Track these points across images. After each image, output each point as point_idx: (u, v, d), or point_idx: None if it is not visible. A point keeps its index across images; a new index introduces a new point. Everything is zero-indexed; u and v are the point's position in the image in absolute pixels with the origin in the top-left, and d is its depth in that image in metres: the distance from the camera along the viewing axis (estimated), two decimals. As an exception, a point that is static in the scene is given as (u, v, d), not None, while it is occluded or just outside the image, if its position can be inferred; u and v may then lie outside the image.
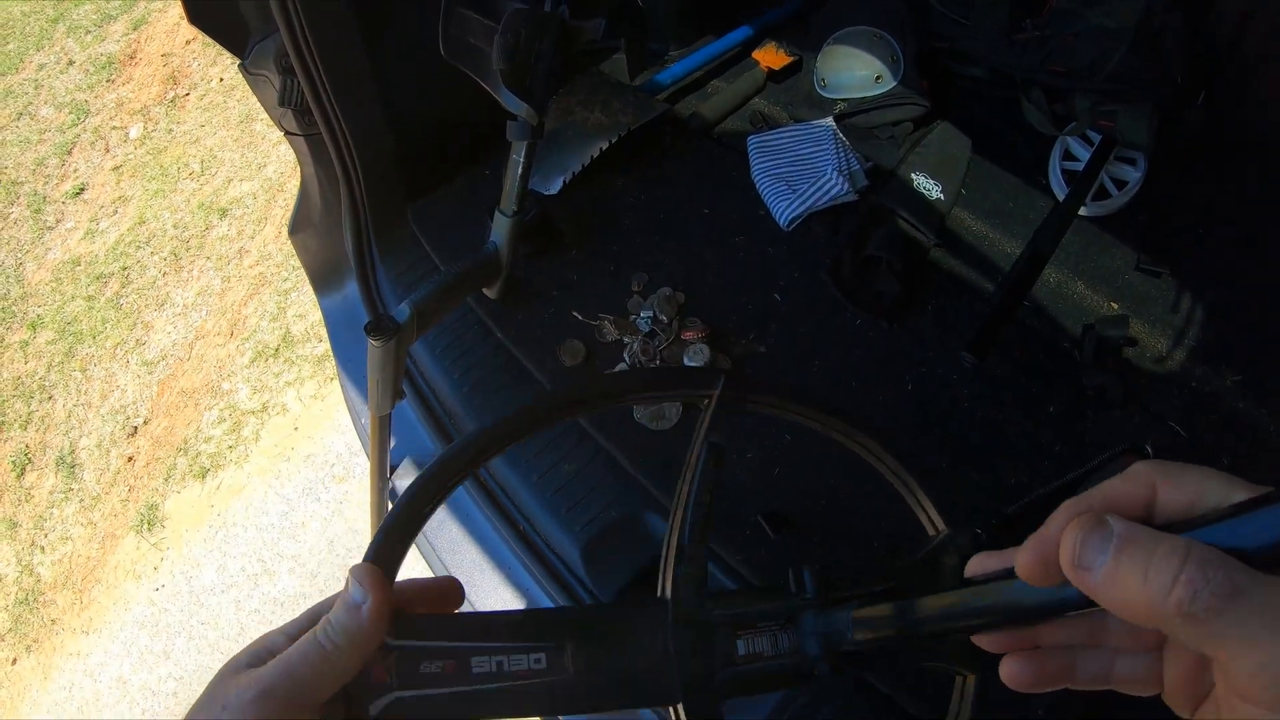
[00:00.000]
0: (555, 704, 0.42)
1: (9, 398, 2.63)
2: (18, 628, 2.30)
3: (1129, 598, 0.25)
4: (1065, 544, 0.27)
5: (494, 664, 0.42)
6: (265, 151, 2.75)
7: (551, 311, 1.40)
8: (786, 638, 0.44)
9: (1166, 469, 0.28)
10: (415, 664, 0.41)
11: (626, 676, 0.43)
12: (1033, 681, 0.34)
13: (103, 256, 2.72)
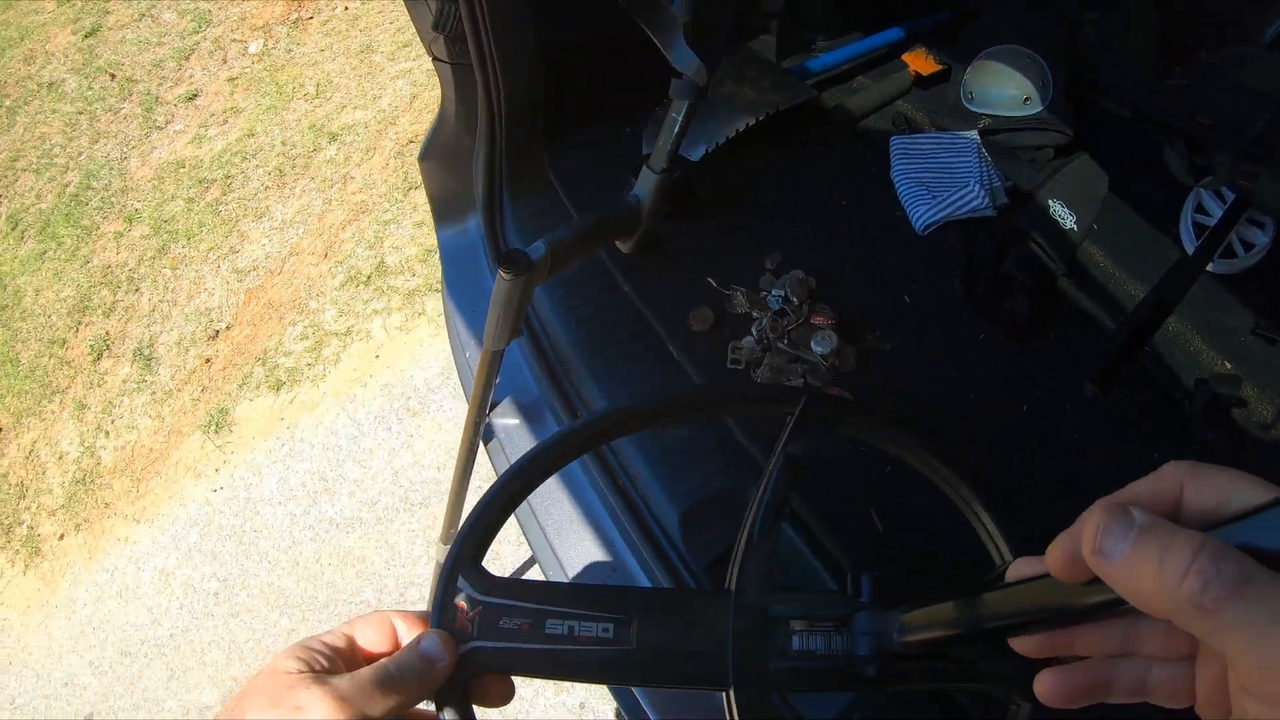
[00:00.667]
0: (617, 672, 0.46)
1: (97, 284, 2.73)
2: (70, 505, 2.38)
3: (1143, 586, 0.25)
4: (1087, 531, 0.28)
5: (566, 628, 0.46)
6: (382, 84, 2.84)
7: (684, 275, 1.41)
8: (840, 639, 0.47)
9: (1196, 469, 0.29)
10: (496, 619, 0.46)
11: (685, 656, 0.47)
12: (1069, 695, 0.34)
13: (207, 162, 2.82)
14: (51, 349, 2.74)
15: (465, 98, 1.50)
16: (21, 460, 2.62)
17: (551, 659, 0.46)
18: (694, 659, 0.47)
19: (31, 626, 2.41)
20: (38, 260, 2.98)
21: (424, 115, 2.77)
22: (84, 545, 2.38)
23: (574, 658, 0.46)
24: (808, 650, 0.47)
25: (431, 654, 0.44)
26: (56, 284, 2.88)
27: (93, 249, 2.90)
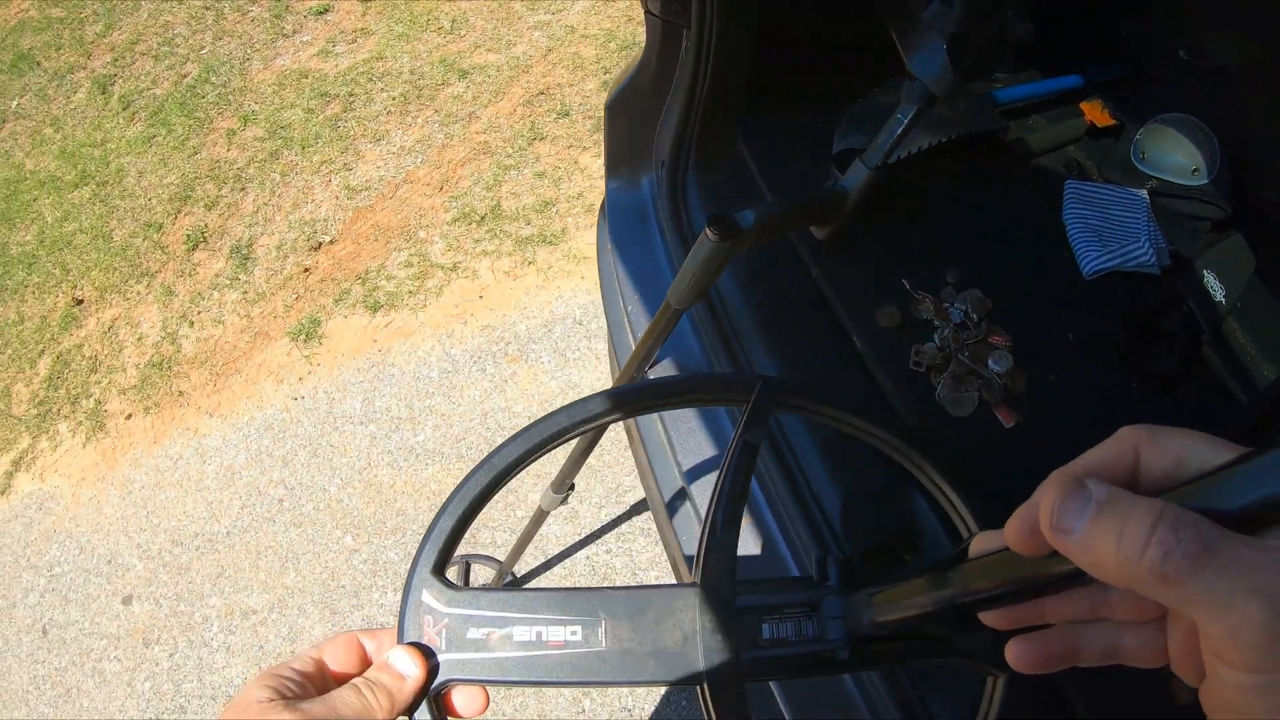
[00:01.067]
0: (588, 673, 0.47)
1: (202, 177, 2.76)
2: (143, 387, 2.40)
3: (1105, 560, 0.25)
4: (1044, 507, 0.27)
5: (534, 633, 0.47)
6: (518, 31, 2.86)
7: (870, 272, 1.42)
8: (811, 624, 0.48)
9: (1151, 431, 0.29)
10: (463, 630, 0.47)
11: (655, 653, 0.47)
12: (1040, 662, 0.35)
13: (332, 77, 2.84)
14: (147, 232, 2.77)
15: (666, 57, 1.52)
16: (99, 335, 2.64)
17: (522, 665, 0.47)
18: (665, 656, 0.47)
19: (82, 499, 2.43)
20: (145, 144, 3.02)
21: (557, 69, 2.78)
22: (151, 429, 2.40)
23: (544, 662, 0.47)
24: (779, 638, 0.48)
25: (401, 669, 0.45)
26: (161, 170, 2.91)
27: (202, 142, 2.93)
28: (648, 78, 1.60)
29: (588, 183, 2.50)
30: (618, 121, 1.65)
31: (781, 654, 0.48)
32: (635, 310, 1.47)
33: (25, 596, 2.44)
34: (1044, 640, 0.34)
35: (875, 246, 1.47)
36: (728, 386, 0.59)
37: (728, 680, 0.47)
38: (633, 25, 2.91)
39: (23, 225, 3.09)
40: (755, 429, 0.56)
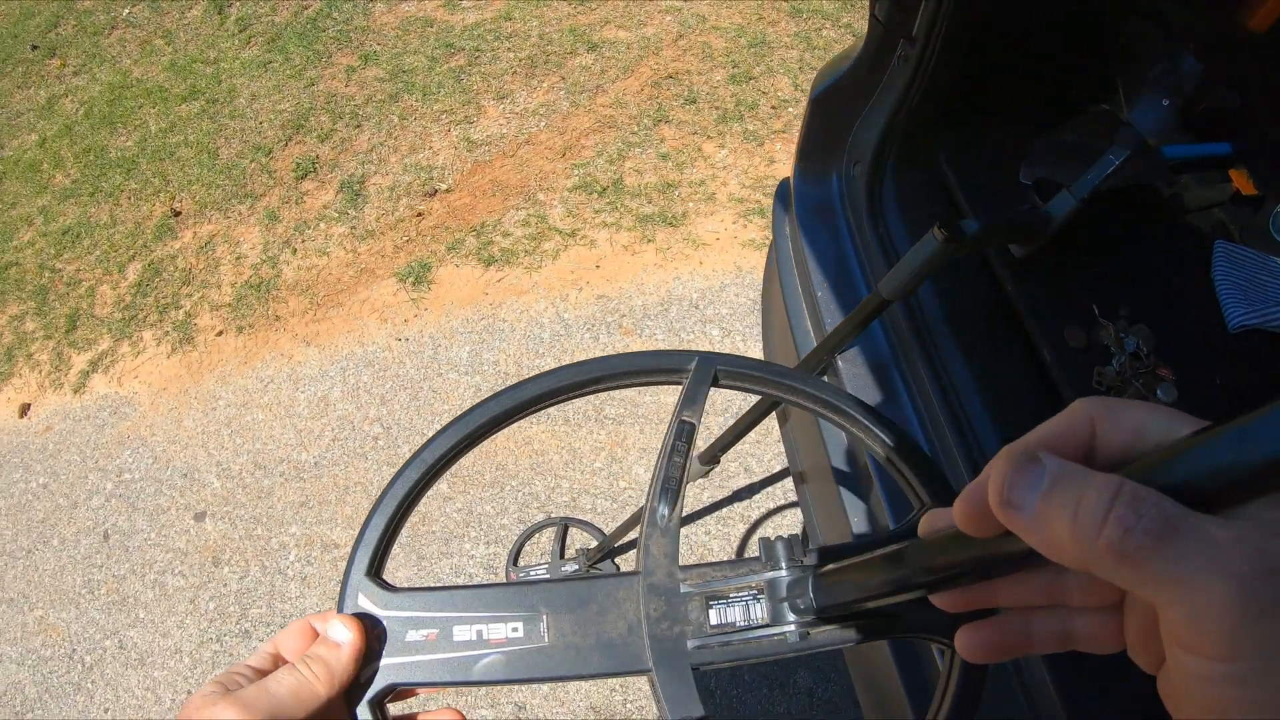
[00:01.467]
0: (532, 670, 0.46)
1: (317, 109, 2.76)
2: (238, 307, 2.40)
3: (1059, 537, 0.24)
4: (993, 483, 0.25)
5: (474, 632, 0.46)
6: (649, 12, 2.87)
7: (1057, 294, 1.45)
8: (760, 607, 0.47)
9: (1107, 404, 0.27)
10: (402, 633, 0.46)
11: (600, 645, 0.47)
12: (990, 651, 0.33)
13: (458, 29, 2.85)
14: (255, 154, 2.77)
15: (880, 62, 1.54)
16: (194, 249, 2.64)
17: (464, 666, 0.46)
18: (610, 647, 0.47)
19: (161, 409, 2.42)
20: (260, 68, 3.02)
21: (686, 56, 2.79)
22: (242, 348, 2.39)
23: (486, 661, 0.46)
24: (726, 623, 0.47)
25: (335, 636, 0.44)
26: (275, 95, 2.91)
27: (320, 74, 2.93)
28: (856, 77, 1.62)
29: (710, 171, 2.51)
30: (819, 115, 1.67)
31: (730, 639, 0.47)
32: (825, 295, 1.49)
33: (89, 498, 2.42)
34: (994, 628, 0.33)
35: (1067, 270, 1.50)
36: (665, 365, 0.57)
37: (676, 669, 0.46)
38: (763, 24, 2.92)
39: (124, 131, 3.09)
40: (692, 409, 0.54)
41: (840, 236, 1.66)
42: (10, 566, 2.45)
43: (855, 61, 1.62)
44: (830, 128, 1.71)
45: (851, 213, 1.67)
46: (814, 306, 1.52)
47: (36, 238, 2.96)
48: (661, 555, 0.49)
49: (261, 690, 0.41)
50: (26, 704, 2.25)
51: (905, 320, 1.41)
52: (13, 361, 2.75)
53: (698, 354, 0.56)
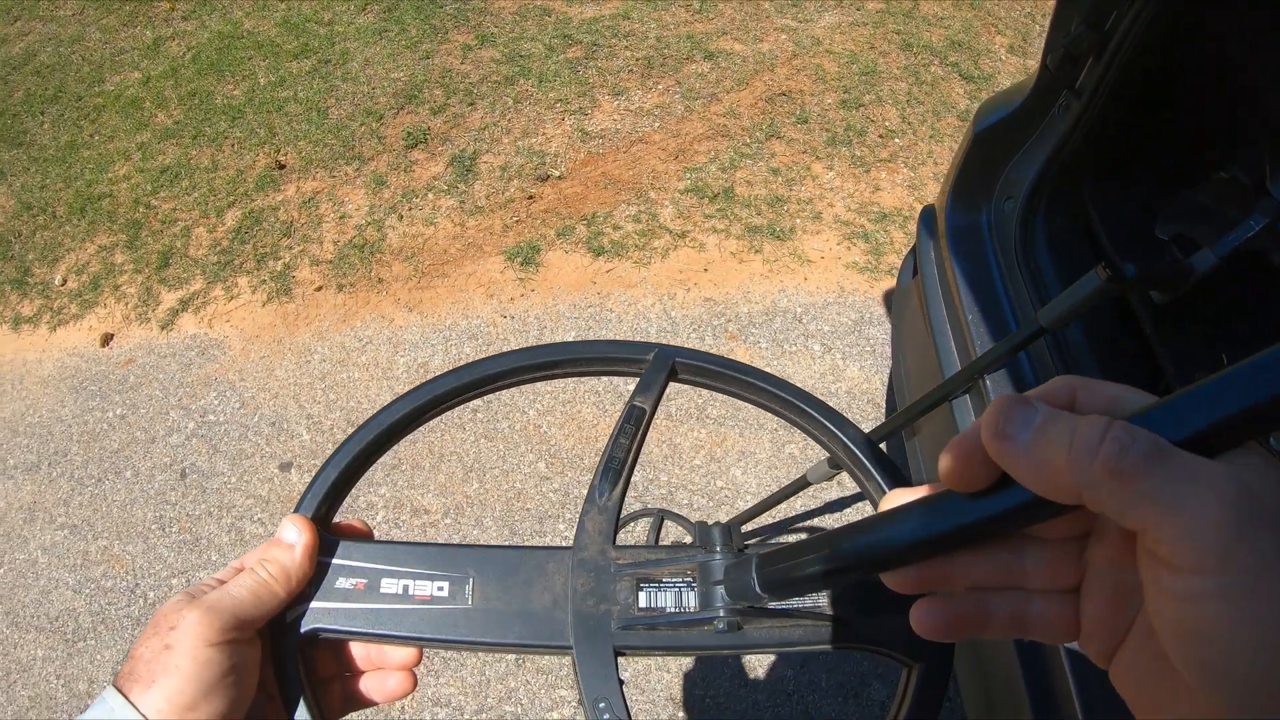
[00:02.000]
0: (451, 631, 0.46)
1: (431, 82, 2.81)
2: (340, 265, 2.43)
3: (1052, 464, 0.24)
4: (988, 419, 0.26)
5: (401, 586, 0.47)
6: (765, 29, 2.93)
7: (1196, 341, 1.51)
8: (693, 595, 0.46)
9: (1085, 381, 0.29)
10: (333, 579, 0.47)
11: (522, 614, 0.46)
12: (944, 627, 0.32)
13: (576, 22, 2.91)
14: (366, 118, 2.81)
15: (1042, 107, 1.61)
16: (297, 203, 2.68)
17: (385, 618, 0.46)
18: (532, 618, 0.46)
19: (253, 356, 2.45)
20: (376, 35, 3.07)
21: (799, 75, 2.84)
22: (342, 306, 2.42)
23: (409, 617, 0.46)
24: (655, 607, 0.46)
25: (287, 537, 0.46)
26: (389, 63, 2.96)
27: (435, 48, 2.98)
28: (1019, 119, 1.68)
29: (818, 191, 2.56)
30: (980, 149, 1.72)
31: (656, 622, 0.45)
32: (974, 319, 1.53)
33: (168, 435, 2.44)
34: (951, 603, 0.32)
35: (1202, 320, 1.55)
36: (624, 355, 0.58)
37: (597, 648, 0.45)
38: (874, 53, 2.98)
39: (232, 80, 3.13)
40: (645, 395, 0.55)
41: (988, 266, 1.71)
42: (77, 493, 2.47)
43: (1020, 104, 1.68)
44: (987, 162, 1.77)
45: (1000, 244, 1.72)
46: (962, 329, 1.57)
47: (133, 172, 3.00)
48: (596, 532, 0.49)
49: (223, 593, 0.43)
50: (79, 632, 2.26)
51: (1051, 350, 1.46)
52: (98, 291, 2.78)
53: (657, 346, 0.57)
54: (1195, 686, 0.23)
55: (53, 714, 2.13)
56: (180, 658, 0.39)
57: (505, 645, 0.46)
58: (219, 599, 0.42)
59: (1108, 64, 1.42)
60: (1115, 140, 1.65)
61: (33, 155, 3.31)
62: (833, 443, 0.56)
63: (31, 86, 3.58)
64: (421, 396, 0.54)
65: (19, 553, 2.43)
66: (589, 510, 0.50)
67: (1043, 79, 1.60)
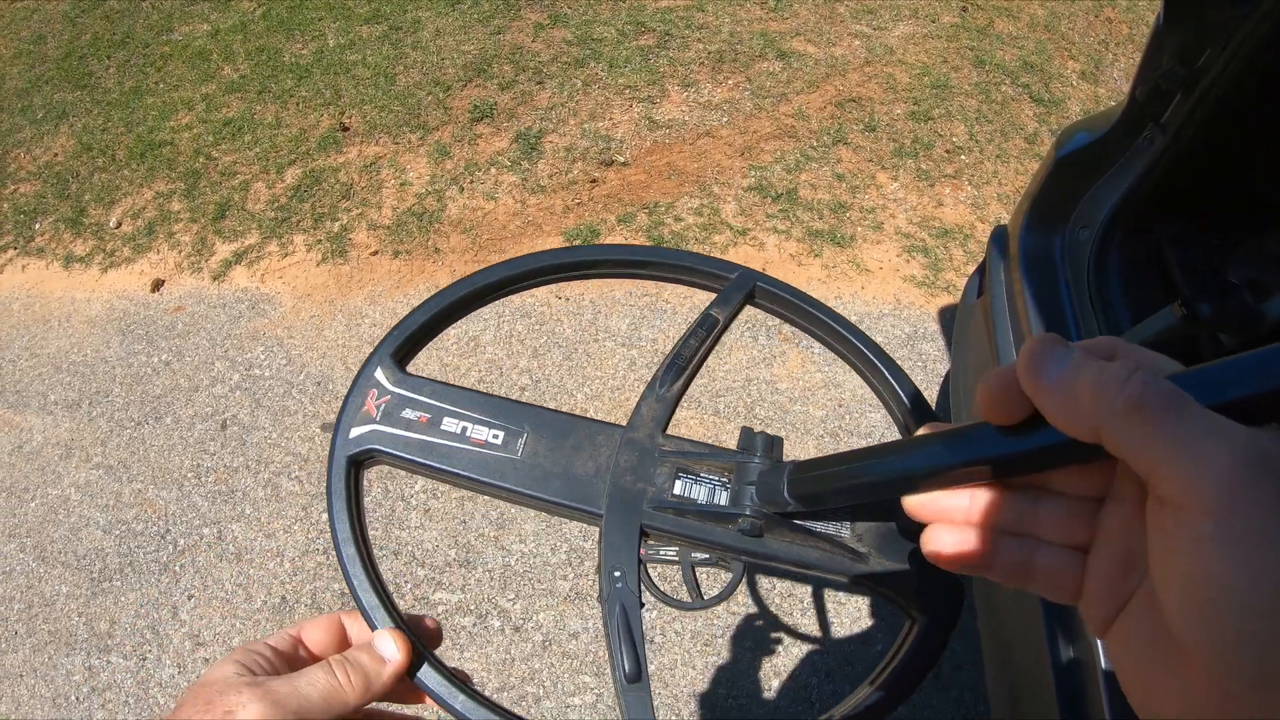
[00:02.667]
0: (497, 476, 0.49)
1: (502, 58, 2.81)
2: (397, 231, 2.44)
3: (1080, 399, 0.26)
4: (1025, 353, 0.28)
5: (460, 427, 0.50)
6: (839, 33, 2.91)
7: None
8: (726, 493, 0.48)
9: (1127, 345, 0.30)
10: (400, 409, 0.50)
11: (564, 475, 0.49)
12: (956, 557, 0.33)
13: (650, 10, 2.91)
14: (433, 88, 2.82)
15: (1126, 139, 1.60)
16: (359, 166, 2.69)
17: (440, 453, 0.49)
18: (573, 480, 0.48)
19: (303, 314, 2.46)
20: (448, 6, 3.08)
21: (870, 83, 2.82)
22: (396, 271, 2.43)
23: (461, 455, 0.49)
24: (687, 496, 0.47)
25: (384, 652, 0.43)
26: (460, 35, 2.97)
27: (507, 24, 2.99)
28: (1103, 148, 1.67)
29: (881, 201, 2.54)
30: (1062, 175, 1.71)
31: (685, 509, 0.47)
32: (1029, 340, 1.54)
33: (212, 385, 2.46)
34: (963, 533, 0.33)
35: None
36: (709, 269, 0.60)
37: (624, 521, 0.47)
38: (946, 67, 2.96)
39: (301, 40, 3.15)
40: (722, 308, 0.57)
41: (1059, 292, 1.70)
42: (116, 435, 2.49)
43: (1104, 133, 1.66)
44: (1066, 188, 1.75)
45: (1072, 272, 1.71)
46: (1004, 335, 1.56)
47: (195, 123, 3.03)
48: (650, 417, 0.51)
49: (292, 689, 0.39)
50: (106, 573, 2.27)
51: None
52: (152, 236, 2.80)
53: (742, 268, 0.59)
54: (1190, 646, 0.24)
55: (70, 652, 2.15)
56: None
57: (542, 500, 0.48)
58: (287, 695, 0.39)
59: (1196, 101, 1.41)
60: (1196, 178, 1.63)
61: (96, 98, 3.35)
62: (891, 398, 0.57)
63: (100, 30, 3.62)
64: (516, 267, 0.56)
65: (52, 488, 2.45)
66: (648, 396, 0.52)
67: (1130, 110, 1.58)
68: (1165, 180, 1.58)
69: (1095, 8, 3.32)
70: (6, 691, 2.06)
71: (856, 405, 2.14)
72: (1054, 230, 1.73)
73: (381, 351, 0.52)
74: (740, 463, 0.48)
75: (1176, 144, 1.50)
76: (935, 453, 0.32)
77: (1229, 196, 1.75)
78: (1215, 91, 1.36)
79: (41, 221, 2.98)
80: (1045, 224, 1.77)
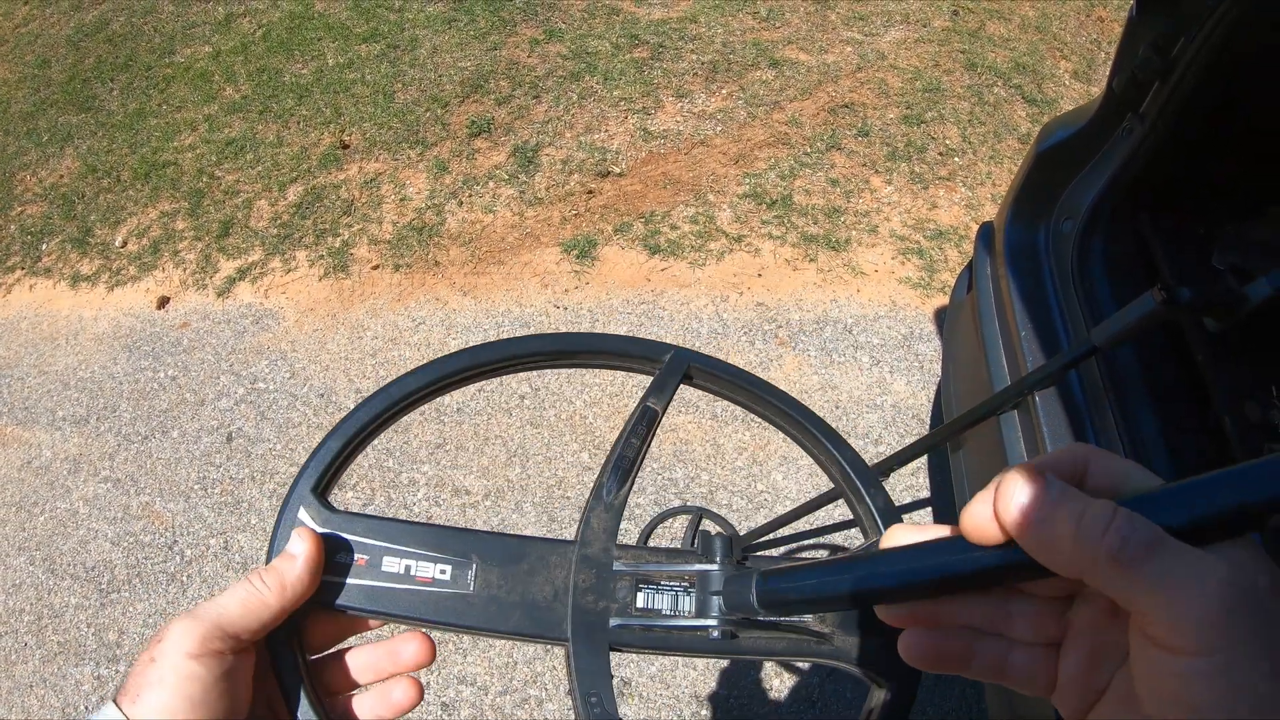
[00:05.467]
0: (451, 615, 0.47)
1: (498, 73, 2.91)
2: (398, 245, 2.52)
3: (1060, 543, 0.27)
4: (1005, 489, 0.29)
5: (403, 566, 0.48)
6: (830, 40, 3.00)
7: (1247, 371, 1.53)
8: (689, 601, 0.48)
9: (1099, 452, 0.31)
10: (333, 552, 0.47)
11: (523, 604, 0.47)
12: (933, 658, 0.35)
13: (643, 23, 3.00)
14: (431, 104, 2.92)
15: (1106, 131, 1.66)
16: (359, 183, 2.78)
17: (384, 596, 0.47)
18: (533, 608, 0.47)
19: (306, 328, 2.55)
20: (444, 24, 3.19)
21: (863, 89, 2.91)
22: (397, 285, 2.52)
23: (407, 597, 0.47)
24: (652, 608, 0.47)
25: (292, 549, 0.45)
26: (456, 52, 3.08)
27: (503, 40, 3.09)
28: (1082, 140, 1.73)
29: (875, 204, 2.61)
30: (1041, 169, 1.77)
31: (652, 624, 0.47)
32: (1027, 336, 1.58)
33: (218, 399, 2.54)
34: (939, 637, 0.34)
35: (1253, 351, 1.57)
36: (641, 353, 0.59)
37: (593, 643, 0.46)
38: (939, 71, 3.04)
39: (301, 59, 3.27)
40: (659, 396, 0.56)
41: (1043, 283, 1.75)
42: (123, 448, 2.58)
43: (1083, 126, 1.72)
44: (1047, 182, 1.81)
45: (1056, 263, 1.77)
46: (1014, 345, 1.61)
47: (199, 143, 3.14)
48: (601, 530, 0.50)
49: (211, 603, 0.43)
50: (114, 584, 2.35)
51: (1103, 372, 1.49)
52: (158, 255, 2.90)
53: (674, 348, 0.58)
54: None
55: (80, 663, 2.22)
56: (163, 670, 0.40)
57: (503, 633, 0.47)
58: (205, 609, 0.42)
59: (1173, 89, 1.46)
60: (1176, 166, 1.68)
61: (100, 120, 3.47)
62: (833, 467, 0.57)
63: (103, 53, 3.75)
64: (433, 372, 0.55)
65: (61, 502, 2.53)
66: (595, 507, 0.51)
67: (1108, 102, 1.64)
68: (1146, 169, 1.63)
69: (1086, 7, 3.41)
70: (17, 702, 2.14)
71: (854, 406, 2.20)
72: (1037, 224, 1.79)
73: (300, 489, 0.49)
74: (701, 571, 0.48)
75: (1155, 133, 1.55)
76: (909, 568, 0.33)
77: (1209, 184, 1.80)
78: (1190, 79, 1.41)
79: (48, 242, 3.08)
80: (1029, 218, 1.83)
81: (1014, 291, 1.70)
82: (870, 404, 2.22)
